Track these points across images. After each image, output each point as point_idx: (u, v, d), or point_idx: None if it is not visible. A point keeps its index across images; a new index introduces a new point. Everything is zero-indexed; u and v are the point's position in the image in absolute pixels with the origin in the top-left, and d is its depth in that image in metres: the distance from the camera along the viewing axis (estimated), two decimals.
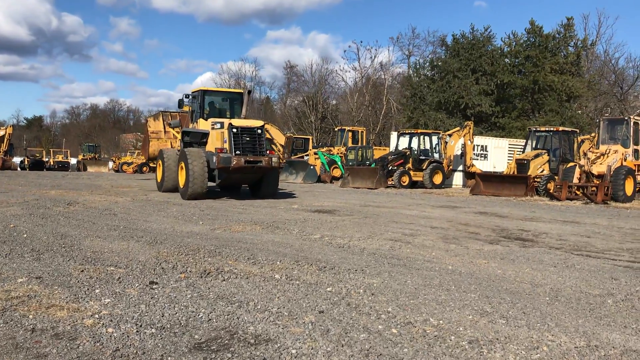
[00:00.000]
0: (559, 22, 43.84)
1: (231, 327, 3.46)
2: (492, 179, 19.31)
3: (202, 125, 14.34)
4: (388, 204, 13.68)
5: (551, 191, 16.90)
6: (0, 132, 38.70)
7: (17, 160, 43.16)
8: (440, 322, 3.67)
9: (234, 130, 13.01)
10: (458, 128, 25.70)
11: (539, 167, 18.93)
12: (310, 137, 38.47)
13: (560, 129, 20.55)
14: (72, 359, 2.88)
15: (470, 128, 24.46)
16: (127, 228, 7.77)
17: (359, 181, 22.10)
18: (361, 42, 73.19)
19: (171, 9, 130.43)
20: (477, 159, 26.21)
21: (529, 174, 18.26)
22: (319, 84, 55.33)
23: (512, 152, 25.74)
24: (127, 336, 3.23)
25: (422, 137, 24.09)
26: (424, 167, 22.99)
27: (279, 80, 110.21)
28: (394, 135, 27.83)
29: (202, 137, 14.04)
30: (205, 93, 14.81)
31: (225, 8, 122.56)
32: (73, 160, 48.31)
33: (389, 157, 23.17)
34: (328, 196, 15.99)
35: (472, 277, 5.15)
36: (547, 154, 19.21)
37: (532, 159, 18.79)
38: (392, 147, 26.72)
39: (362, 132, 32.27)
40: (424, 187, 22.69)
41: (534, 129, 20.87)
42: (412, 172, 22.81)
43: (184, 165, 13.23)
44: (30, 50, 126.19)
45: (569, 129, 20.76)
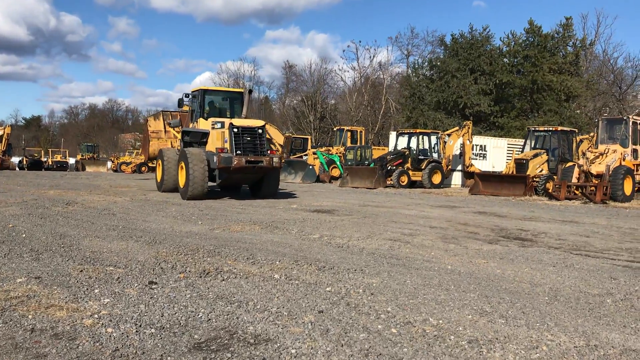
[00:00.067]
0: (557, 22, 44.14)
1: (231, 327, 3.46)
2: (491, 179, 19.32)
3: (202, 124, 14.28)
4: (387, 203, 13.68)
5: (550, 191, 16.91)
6: None
7: (15, 160, 43.11)
8: (440, 321, 3.67)
9: (234, 130, 12.96)
10: (457, 128, 25.72)
11: (538, 167, 18.94)
12: (309, 137, 38.47)
13: (559, 128, 20.58)
14: (71, 359, 2.88)
15: (469, 128, 24.48)
16: (126, 228, 7.76)
17: (358, 181, 22.11)
18: (360, 41, 73.59)
19: (170, 9, 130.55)
20: (476, 159, 26.24)
21: (527, 173, 18.28)
22: (317, 83, 55.38)
23: (511, 152, 25.74)
24: (127, 336, 3.23)
25: (421, 136, 24.10)
26: (423, 167, 23.01)
27: (278, 80, 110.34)
28: (392, 135, 27.83)
29: (202, 137, 13.97)
30: (205, 92, 14.75)
31: (224, 8, 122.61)
32: (72, 160, 48.23)
33: (387, 157, 23.18)
34: (327, 196, 15.99)
35: (472, 276, 5.15)
36: (546, 153, 19.23)
37: (531, 159, 18.82)
38: (391, 147, 26.73)
39: (361, 131, 32.27)
40: (423, 186, 22.71)
41: (533, 129, 20.90)
42: (411, 172, 22.82)
43: (184, 165, 13.17)
44: (29, 50, 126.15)
45: (568, 129, 20.79)
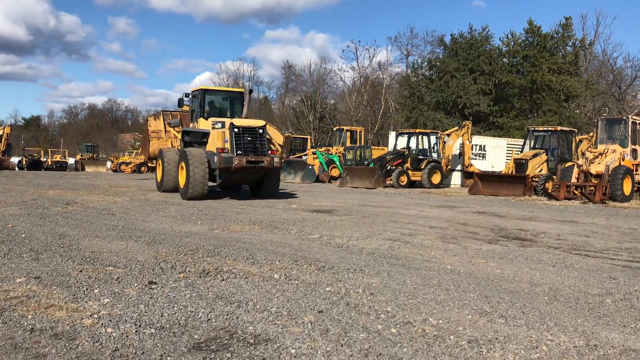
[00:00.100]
0: (557, 22, 44.13)
1: (230, 326, 3.46)
2: (490, 179, 19.33)
3: (203, 124, 14.20)
4: (386, 203, 13.68)
5: (549, 191, 16.92)
6: None
7: (15, 160, 43.08)
8: (440, 321, 3.67)
9: (235, 130, 12.91)
10: (456, 128, 25.74)
11: (537, 167, 18.95)
12: (309, 137, 38.48)
13: (559, 128, 20.59)
14: (71, 359, 2.87)
15: (468, 128, 24.50)
16: (126, 228, 7.76)
17: (358, 181, 22.11)
18: (359, 41, 73.59)
19: (169, 9, 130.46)
20: (476, 159, 26.25)
21: (527, 173, 18.28)
22: (317, 83, 55.39)
23: (511, 152, 25.74)
24: (127, 336, 3.22)
25: (420, 136, 24.11)
26: (423, 167, 23.02)
27: (277, 80, 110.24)
28: (392, 135, 27.84)
29: (202, 137, 13.90)
30: (205, 92, 14.67)
31: (223, 8, 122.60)
32: (71, 160, 48.21)
33: (387, 157, 23.18)
34: (326, 196, 15.99)
35: (471, 276, 5.15)
36: (545, 153, 19.24)
37: (530, 159, 18.82)
38: (390, 147, 26.73)
39: (360, 131, 32.29)
40: (423, 186, 22.71)
41: (532, 129, 20.91)
42: (410, 172, 22.83)
43: (184, 165, 13.12)
44: (28, 50, 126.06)
45: (567, 129, 20.81)
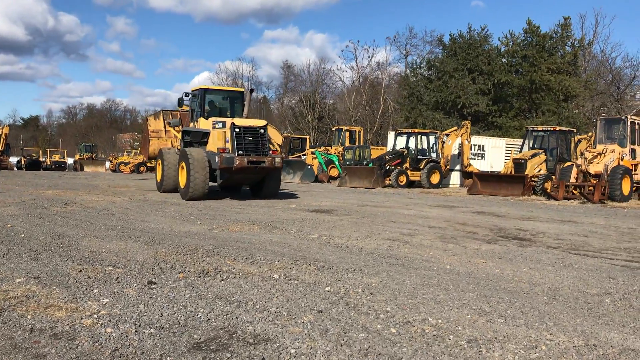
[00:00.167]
0: (556, 22, 44.14)
1: (230, 326, 3.46)
2: (489, 179, 19.34)
3: (203, 124, 14.09)
4: (386, 203, 13.68)
5: (548, 191, 16.93)
6: None
7: (13, 160, 43.05)
8: (439, 321, 3.68)
9: (236, 129, 12.83)
10: (455, 128, 25.75)
11: (536, 167, 18.96)
12: (308, 137, 38.46)
13: (558, 128, 20.59)
14: (71, 359, 2.87)
15: (467, 127, 24.50)
16: (125, 228, 7.76)
17: (357, 181, 22.12)
18: (358, 41, 73.61)
19: (168, 9, 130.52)
20: (475, 159, 26.26)
21: (526, 173, 18.29)
22: (316, 83, 55.35)
23: (510, 152, 25.77)
24: (126, 336, 3.22)
25: (419, 136, 24.11)
26: (422, 167, 23.03)
27: (276, 80, 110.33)
28: (391, 135, 27.85)
29: (202, 137, 13.80)
30: (206, 92, 14.56)
31: (222, 8, 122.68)
32: (70, 160, 48.20)
33: (386, 157, 23.19)
34: (326, 196, 15.99)
35: (470, 276, 5.15)
36: (544, 153, 19.25)
37: (529, 159, 18.83)
38: (389, 147, 26.75)
39: (359, 131, 32.30)
40: (422, 186, 22.71)
41: (531, 129, 20.92)
42: (409, 172, 22.84)
43: (184, 165, 13.03)
44: (27, 50, 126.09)
45: (566, 129, 20.82)
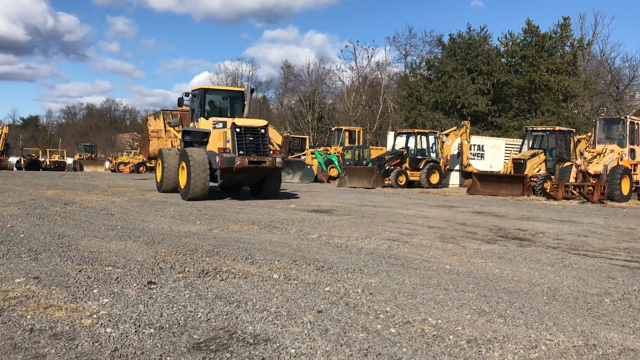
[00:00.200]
0: (555, 22, 44.15)
1: (230, 326, 3.46)
2: (488, 179, 19.35)
3: (203, 124, 14.01)
4: (385, 203, 13.68)
5: (548, 191, 16.93)
6: None
7: (13, 160, 43.07)
8: (439, 321, 3.68)
9: (237, 129, 12.78)
10: (455, 128, 25.76)
11: (536, 167, 18.97)
12: (307, 137, 38.47)
13: (557, 128, 20.60)
14: (70, 359, 2.87)
15: (467, 127, 24.51)
16: (125, 228, 7.75)
17: (356, 181, 22.12)
18: (358, 41, 73.46)
19: (168, 9, 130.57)
20: (474, 159, 26.27)
21: (525, 173, 18.30)
22: (315, 83, 55.35)
23: (509, 152, 25.79)
24: (126, 336, 3.22)
25: (419, 136, 24.13)
26: (421, 167, 23.04)
27: (276, 80, 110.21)
28: (390, 135, 27.85)
29: (203, 137, 13.73)
30: (206, 91, 14.49)
31: (222, 8, 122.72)
32: (69, 160, 48.21)
33: (386, 157, 23.20)
34: (325, 196, 15.99)
35: (470, 276, 5.16)
36: (543, 153, 19.26)
37: (528, 159, 18.84)
38: (389, 147, 26.75)
39: (359, 131, 32.30)
40: (421, 186, 22.72)
41: (531, 129, 20.92)
42: (409, 172, 22.85)
43: (185, 165, 12.97)
44: (26, 50, 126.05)
45: (566, 129, 20.82)
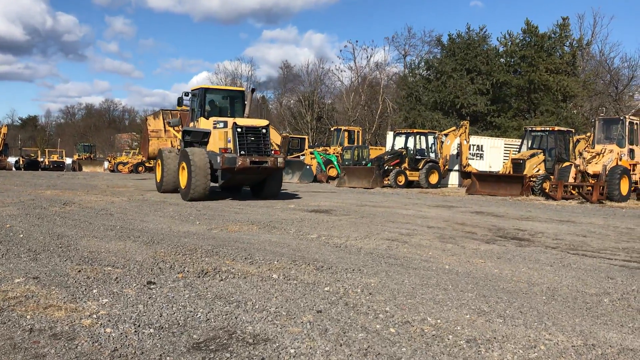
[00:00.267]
0: (554, 22, 44.08)
1: (229, 326, 3.46)
2: (488, 179, 19.36)
3: (204, 124, 13.89)
4: (384, 203, 13.69)
5: (547, 191, 16.95)
6: None
7: (12, 160, 43.07)
8: (438, 321, 3.68)
9: (238, 129, 12.71)
10: (454, 128, 25.78)
11: (535, 167, 18.98)
12: (306, 137, 38.48)
13: (556, 128, 20.62)
14: (70, 359, 2.87)
15: (466, 128, 24.54)
16: (124, 228, 7.75)
17: (355, 181, 22.13)
18: (357, 41, 73.06)
19: (166, 9, 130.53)
20: (473, 159, 26.29)
21: (524, 173, 18.32)
22: (315, 83, 55.35)
23: (508, 152, 25.82)
24: (126, 336, 3.22)
25: (418, 136, 24.14)
26: (420, 167, 23.05)
27: (275, 80, 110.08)
28: (390, 135, 27.88)
29: (203, 137, 13.62)
30: (206, 91, 14.40)
31: (221, 7, 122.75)
32: (68, 160, 48.21)
33: (385, 157, 23.21)
34: (324, 196, 16.00)
35: (469, 276, 5.16)
36: (542, 153, 19.28)
37: (527, 159, 18.85)
38: (388, 147, 26.78)
39: (358, 131, 32.31)
40: (420, 186, 22.74)
41: (530, 129, 20.94)
42: (408, 172, 22.86)
43: (185, 165, 12.89)
44: (25, 50, 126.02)
45: (565, 129, 20.84)
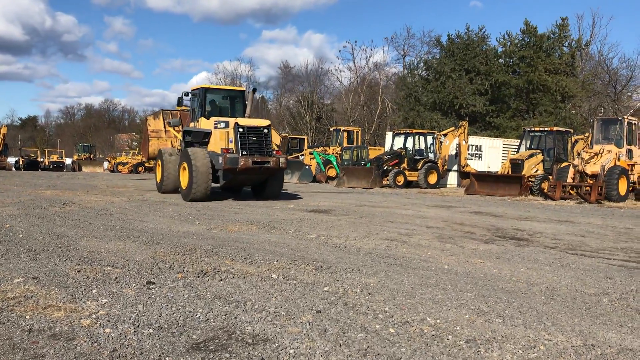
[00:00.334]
0: (553, 22, 44.18)
1: (229, 327, 3.46)
2: (486, 179, 19.38)
3: (204, 124, 13.77)
4: (383, 203, 13.70)
5: (545, 191, 16.97)
6: None
7: (11, 160, 43.03)
8: (438, 321, 3.69)
9: (240, 129, 12.63)
10: (453, 128, 25.78)
11: (533, 167, 19.01)
12: (306, 137, 38.45)
13: (555, 128, 20.64)
14: (69, 359, 2.87)
15: (464, 128, 24.54)
16: (124, 228, 7.75)
17: (354, 181, 22.13)
18: (356, 42, 73.39)
19: (166, 9, 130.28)
20: (472, 159, 26.31)
21: (523, 173, 18.34)
22: (314, 83, 55.34)
23: (507, 152, 25.85)
24: (125, 336, 3.23)
25: (417, 137, 24.15)
26: (419, 167, 23.06)
27: (274, 80, 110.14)
28: (389, 135, 27.88)
29: (204, 137, 13.50)
30: (206, 91, 14.31)
31: (220, 8, 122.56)
32: (68, 161, 48.17)
33: (384, 157, 23.22)
34: (324, 196, 16.00)
35: (468, 276, 5.17)
36: (541, 153, 19.30)
37: (526, 159, 18.87)
38: (387, 147, 26.79)
39: (357, 132, 32.33)
40: (419, 186, 22.75)
41: (529, 129, 20.96)
42: (407, 172, 22.87)
43: (186, 166, 12.80)
44: (25, 50, 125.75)
45: (563, 129, 20.86)
